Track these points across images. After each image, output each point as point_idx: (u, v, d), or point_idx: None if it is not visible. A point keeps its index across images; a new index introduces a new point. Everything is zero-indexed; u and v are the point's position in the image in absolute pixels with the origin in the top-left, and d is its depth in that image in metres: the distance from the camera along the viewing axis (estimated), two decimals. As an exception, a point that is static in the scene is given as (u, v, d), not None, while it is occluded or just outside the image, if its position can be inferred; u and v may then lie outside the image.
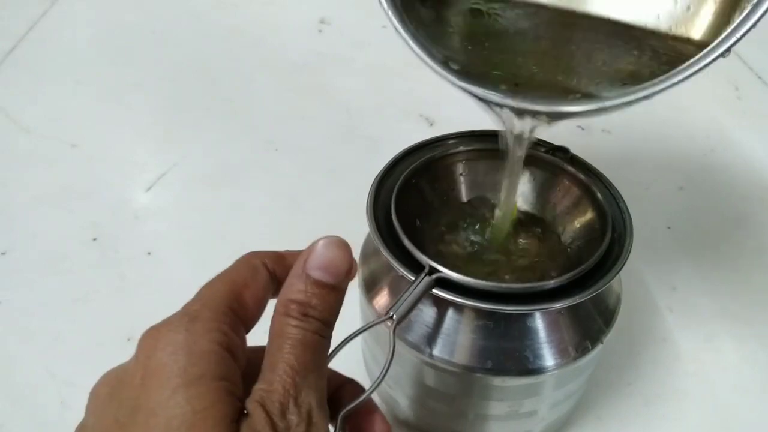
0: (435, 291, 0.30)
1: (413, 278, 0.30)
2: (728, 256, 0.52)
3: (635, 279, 0.49)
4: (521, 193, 0.38)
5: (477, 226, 0.37)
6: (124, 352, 0.44)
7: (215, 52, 0.72)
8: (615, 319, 0.34)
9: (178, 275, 0.50)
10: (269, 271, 0.26)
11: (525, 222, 0.37)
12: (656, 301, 0.48)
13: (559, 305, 0.30)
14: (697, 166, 0.60)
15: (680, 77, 0.28)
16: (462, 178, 0.38)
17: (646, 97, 0.28)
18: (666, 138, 0.62)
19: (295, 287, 0.25)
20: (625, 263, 0.32)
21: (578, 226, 0.36)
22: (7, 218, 0.54)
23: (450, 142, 0.39)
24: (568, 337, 0.32)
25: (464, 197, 0.39)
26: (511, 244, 0.36)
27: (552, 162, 0.37)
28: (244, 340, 0.25)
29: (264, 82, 0.67)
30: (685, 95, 0.67)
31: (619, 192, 0.36)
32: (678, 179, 0.58)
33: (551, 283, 0.30)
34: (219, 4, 0.78)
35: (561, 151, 0.37)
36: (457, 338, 0.32)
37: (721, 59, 0.26)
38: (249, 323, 0.26)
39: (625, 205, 0.35)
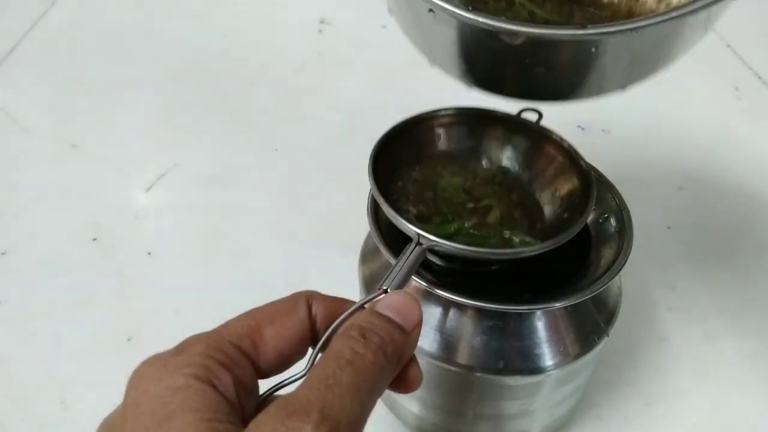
0: (438, 291, 0.30)
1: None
2: (728, 255, 0.52)
3: (635, 279, 0.49)
4: (507, 156, 0.37)
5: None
6: (124, 352, 0.44)
7: (215, 52, 0.72)
8: (616, 318, 0.34)
9: (178, 275, 0.50)
10: (310, 312, 0.25)
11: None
12: (656, 300, 0.48)
13: (558, 305, 0.30)
14: (697, 166, 0.60)
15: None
16: (441, 139, 0.38)
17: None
18: (666, 138, 0.62)
19: (360, 317, 0.24)
20: (625, 263, 0.32)
21: (562, 194, 0.36)
22: (7, 218, 0.54)
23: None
24: (570, 335, 0.32)
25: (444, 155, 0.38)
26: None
27: (534, 129, 0.36)
28: (250, 377, 0.23)
29: (264, 82, 0.67)
30: (685, 95, 0.67)
31: (619, 192, 0.36)
32: (678, 179, 0.58)
33: (536, 248, 0.30)
34: (219, 4, 0.78)
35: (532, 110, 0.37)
36: (459, 339, 0.32)
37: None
38: (261, 360, 0.24)
39: (622, 200, 0.35)
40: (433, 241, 0.29)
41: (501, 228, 0.34)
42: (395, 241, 0.32)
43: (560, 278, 0.32)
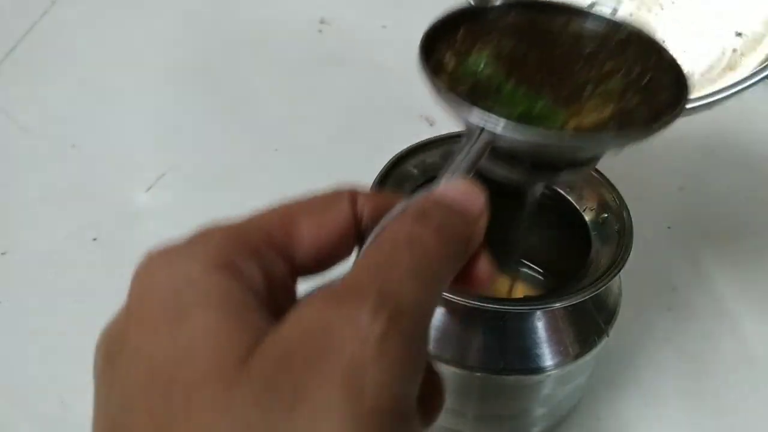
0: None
1: None
2: (728, 255, 0.52)
3: (635, 278, 0.49)
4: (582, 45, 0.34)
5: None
6: (124, 352, 0.44)
7: (215, 52, 0.71)
8: (616, 318, 0.34)
9: (178, 275, 0.50)
10: (355, 208, 0.20)
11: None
12: (656, 300, 0.48)
13: (558, 304, 0.30)
14: (697, 166, 0.60)
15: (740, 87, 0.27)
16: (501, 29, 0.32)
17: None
18: (666, 138, 0.62)
19: (415, 202, 0.20)
20: (625, 263, 0.32)
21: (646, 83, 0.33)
22: (7, 218, 0.54)
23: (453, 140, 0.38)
24: (570, 335, 0.32)
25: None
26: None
27: (608, 20, 0.32)
28: (283, 273, 0.19)
29: (264, 82, 0.67)
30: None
31: (620, 192, 0.36)
32: (678, 179, 0.58)
33: (638, 133, 0.27)
34: (219, 4, 0.78)
35: None
36: (459, 339, 0.32)
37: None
38: (297, 254, 0.19)
39: (623, 200, 0.35)
40: (502, 128, 0.23)
41: (580, 115, 0.28)
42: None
43: (561, 278, 0.32)
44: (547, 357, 0.32)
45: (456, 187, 0.21)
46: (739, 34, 0.33)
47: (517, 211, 0.38)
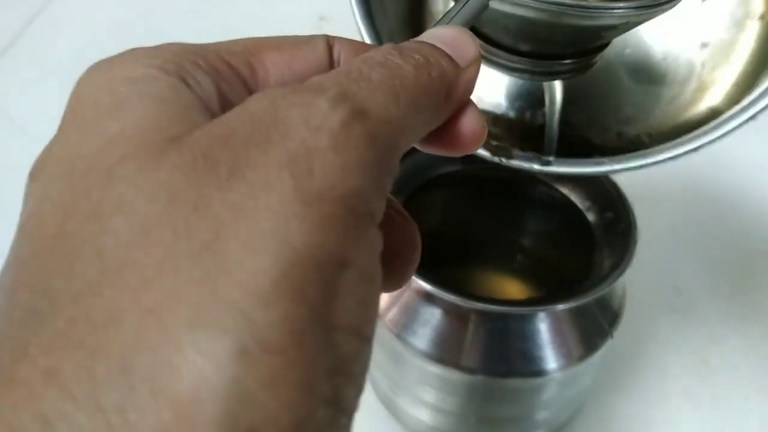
0: (440, 293, 0.29)
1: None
2: (732, 256, 0.52)
3: (639, 280, 0.49)
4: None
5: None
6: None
7: (215, 50, 0.71)
8: (620, 319, 0.34)
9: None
10: (331, 53, 0.18)
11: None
12: (660, 301, 0.48)
13: (562, 306, 0.30)
14: (699, 166, 0.59)
15: (709, 138, 0.26)
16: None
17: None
18: (669, 137, 0.62)
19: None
20: (629, 264, 0.31)
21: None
22: (7, 218, 0.53)
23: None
24: (573, 337, 0.32)
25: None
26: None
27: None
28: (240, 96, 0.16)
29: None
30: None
31: (623, 192, 0.35)
32: (680, 180, 0.58)
33: None
34: (218, 4, 0.78)
35: None
36: (461, 342, 0.32)
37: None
38: (259, 89, 0.17)
39: (627, 200, 0.35)
40: None
41: None
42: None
43: (564, 280, 0.32)
44: (550, 359, 0.31)
45: (445, 32, 0.18)
46: (704, 45, 0.31)
47: (516, 210, 0.37)
